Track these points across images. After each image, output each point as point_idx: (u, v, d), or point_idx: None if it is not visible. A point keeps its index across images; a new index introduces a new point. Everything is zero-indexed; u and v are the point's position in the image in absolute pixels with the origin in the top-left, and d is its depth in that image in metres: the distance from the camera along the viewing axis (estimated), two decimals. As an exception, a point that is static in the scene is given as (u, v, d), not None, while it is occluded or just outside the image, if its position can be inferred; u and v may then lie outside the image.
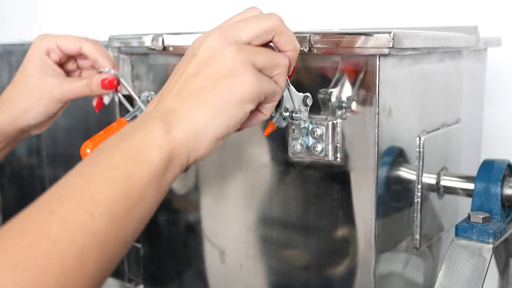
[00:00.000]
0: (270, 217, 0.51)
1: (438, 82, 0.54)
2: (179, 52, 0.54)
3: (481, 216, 0.51)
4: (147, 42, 0.56)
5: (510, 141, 0.77)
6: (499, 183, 0.52)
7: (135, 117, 0.52)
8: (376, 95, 0.42)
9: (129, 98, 0.62)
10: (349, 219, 0.46)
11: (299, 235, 0.49)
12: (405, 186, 0.51)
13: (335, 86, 0.45)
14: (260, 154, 0.50)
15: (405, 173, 0.50)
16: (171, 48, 0.54)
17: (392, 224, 0.49)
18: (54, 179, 0.80)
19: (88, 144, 0.47)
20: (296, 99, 0.42)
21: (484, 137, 0.71)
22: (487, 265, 0.47)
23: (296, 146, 0.46)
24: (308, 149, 0.46)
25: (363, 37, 0.40)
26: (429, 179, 0.54)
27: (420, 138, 0.51)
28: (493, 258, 0.50)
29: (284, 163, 0.49)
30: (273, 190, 0.50)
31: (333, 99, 0.45)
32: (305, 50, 0.43)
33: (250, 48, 0.35)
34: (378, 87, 0.42)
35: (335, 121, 0.45)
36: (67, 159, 0.79)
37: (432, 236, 0.55)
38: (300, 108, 0.42)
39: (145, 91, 0.53)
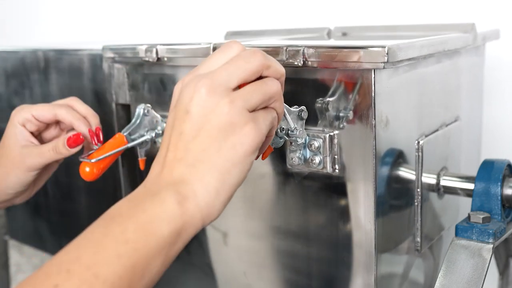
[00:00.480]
0: (271, 225, 0.51)
1: (436, 82, 0.53)
2: (173, 64, 0.54)
3: (481, 216, 0.51)
4: (141, 53, 0.55)
5: (510, 141, 0.76)
6: (499, 183, 0.52)
7: (132, 131, 0.52)
8: (372, 107, 0.42)
9: (126, 107, 0.62)
10: (349, 228, 0.46)
11: (300, 243, 0.49)
12: (405, 190, 0.51)
13: (332, 95, 0.44)
14: (259, 164, 0.50)
15: (404, 177, 0.50)
16: (165, 59, 0.54)
17: (393, 230, 0.49)
18: (55, 182, 0.81)
19: (86, 164, 0.47)
20: (291, 116, 0.42)
21: (484, 136, 0.70)
22: (487, 265, 0.47)
23: (294, 158, 0.46)
24: (306, 161, 0.46)
25: (357, 51, 0.40)
26: (429, 179, 0.54)
27: (418, 142, 0.50)
28: (493, 258, 0.50)
29: (283, 174, 0.49)
30: (273, 200, 0.51)
31: (331, 108, 0.45)
32: (299, 64, 0.43)
33: (242, 94, 0.35)
34: (374, 99, 0.42)
35: (332, 133, 0.45)
36: (66, 164, 0.80)
37: (432, 236, 0.56)
38: (295, 127, 0.42)
39: (140, 104, 0.53)
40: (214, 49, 0.50)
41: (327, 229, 0.47)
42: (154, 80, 0.58)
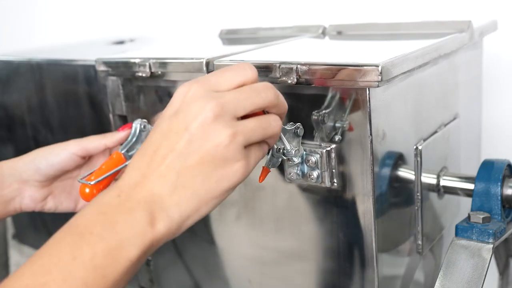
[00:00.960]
0: (273, 236, 0.52)
1: (433, 84, 0.52)
2: (167, 78, 0.53)
3: (481, 216, 0.51)
4: (134, 67, 0.54)
5: (510, 141, 0.75)
6: (499, 183, 0.52)
7: (129, 148, 0.52)
8: (368, 123, 0.42)
9: (123, 117, 0.61)
10: (349, 240, 0.46)
11: (301, 254, 0.50)
12: (405, 195, 0.51)
13: (327, 107, 0.44)
14: (258, 176, 0.50)
15: (404, 182, 0.50)
16: (159, 72, 0.53)
17: (393, 236, 0.49)
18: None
19: (85, 186, 0.48)
20: (286, 135, 0.42)
21: (484, 136, 0.69)
22: (487, 265, 0.48)
23: (291, 173, 0.46)
24: (304, 176, 0.46)
25: (350, 71, 0.39)
26: (429, 179, 0.54)
27: (417, 147, 0.50)
28: (493, 258, 0.51)
29: (282, 186, 0.49)
30: (274, 211, 0.51)
31: (327, 121, 0.44)
32: (292, 82, 0.42)
33: (245, 130, 0.34)
34: (370, 115, 0.41)
35: (329, 148, 0.44)
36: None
37: (433, 237, 0.56)
38: (291, 148, 0.42)
39: (137, 119, 0.53)
40: (207, 64, 0.49)
41: (328, 241, 0.48)
42: (149, 92, 0.57)
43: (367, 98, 0.41)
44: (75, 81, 0.66)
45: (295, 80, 0.42)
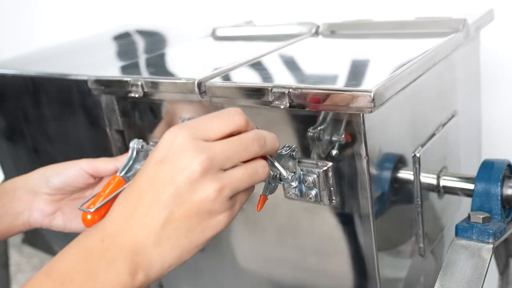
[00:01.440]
0: (275, 247, 0.53)
1: (430, 87, 0.51)
2: (160, 98, 0.52)
3: (481, 216, 0.51)
4: (127, 87, 0.53)
5: (510, 141, 0.73)
6: (499, 183, 0.52)
7: (129, 170, 0.52)
8: (363, 145, 0.41)
9: (120, 133, 0.61)
10: (351, 255, 0.47)
11: (303, 269, 0.51)
12: (405, 201, 0.51)
13: (322, 124, 0.43)
14: (259, 192, 0.51)
15: (403, 190, 0.50)
16: (152, 92, 0.53)
17: (394, 245, 0.50)
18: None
19: (87, 213, 0.48)
20: (282, 161, 0.41)
21: (484, 136, 0.68)
22: (487, 265, 0.48)
23: (290, 193, 0.46)
24: (303, 195, 0.46)
25: (343, 96, 0.38)
26: (429, 179, 0.54)
27: (415, 155, 0.50)
28: (493, 258, 0.51)
29: (282, 202, 0.49)
30: (275, 223, 0.52)
31: (323, 137, 0.44)
32: (286, 106, 0.42)
33: (232, 181, 0.34)
34: (365, 136, 0.41)
35: (326, 167, 0.44)
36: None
37: (434, 238, 0.56)
38: (287, 174, 0.41)
39: (133, 140, 0.52)
40: (199, 85, 0.48)
41: (330, 256, 0.48)
42: (144, 107, 0.57)
43: (361, 121, 0.40)
44: (70, 95, 0.65)
45: (288, 104, 0.41)
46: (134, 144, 0.52)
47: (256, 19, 0.81)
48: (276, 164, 0.40)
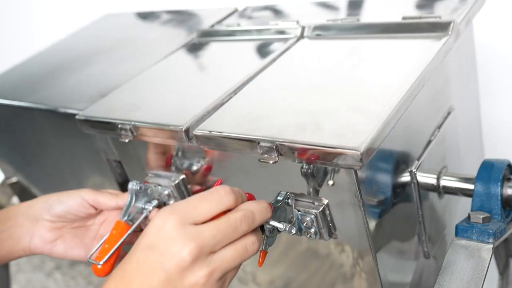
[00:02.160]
0: (281, 271, 0.52)
1: (422, 98, 0.48)
2: (151, 141, 0.52)
3: (481, 216, 0.51)
4: (116, 130, 0.52)
5: (510, 141, 0.74)
6: (499, 183, 0.52)
7: (130, 211, 0.51)
8: (358, 193, 0.40)
9: (118, 163, 0.60)
10: (353, 278, 0.46)
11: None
12: (405, 213, 0.50)
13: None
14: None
15: (403, 204, 0.49)
16: (141, 135, 0.51)
17: (396, 255, 0.49)
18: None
19: (97, 266, 0.48)
20: (278, 212, 0.41)
21: (485, 136, 0.68)
22: (487, 265, 0.48)
23: (290, 230, 0.44)
24: (303, 233, 0.45)
25: (330, 153, 0.37)
26: (429, 179, 0.53)
27: (411, 171, 0.49)
28: (493, 258, 0.51)
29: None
30: (277, 252, 0.51)
31: (317, 174, 0.43)
32: (275, 160, 0.40)
33: (222, 264, 0.34)
34: (358, 184, 0.40)
35: (322, 206, 0.43)
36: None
37: (437, 238, 0.56)
38: (285, 226, 0.40)
39: (131, 182, 0.51)
40: (186, 132, 0.47)
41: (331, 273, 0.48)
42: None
43: (354, 175, 0.39)
44: (64, 127, 0.64)
45: (277, 159, 0.40)
46: (133, 186, 0.51)
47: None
48: (271, 222, 0.39)
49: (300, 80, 0.50)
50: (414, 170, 0.49)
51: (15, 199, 1.23)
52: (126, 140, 0.51)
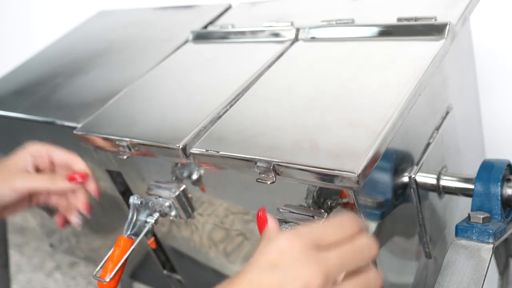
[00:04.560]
0: None
1: (419, 105, 0.48)
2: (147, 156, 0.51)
3: (481, 216, 0.51)
4: (113, 146, 0.52)
5: (510, 140, 0.72)
6: (499, 183, 0.51)
7: (133, 228, 0.51)
8: (358, 210, 0.40)
9: (118, 173, 0.60)
10: None
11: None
12: (406, 218, 0.50)
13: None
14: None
15: (403, 209, 0.49)
16: (139, 152, 0.51)
17: (398, 263, 0.49)
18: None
19: (103, 283, 0.48)
20: None
21: (486, 136, 0.67)
22: (487, 265, 0.48)
23: None
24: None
25: (327, 176, 0.37)
26: (429, 179, 0.53)
27: (410, 177, 0.48)
28: (493, 258, 0.51)
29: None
30: None
31: (316, 197, 0.43)
32: (273, 180, 0.40)
33: None
34: (357, 203, 0.39)
35: (322, 220, 0.42)
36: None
37: (437, 239, 0.56)
38: None
39: (132, 196, 0.51)
40: (184, 150, 0.46)
41: None
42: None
43: (352, 193, 0.39)
44: (63, 139, 0.62)
45: (274, 179, 0.40)
46: (134, 201, 0.51)
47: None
48: None
49: (295, 91, 0.49)
50: (413, 176, 0.48)
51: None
52: (124, 157, 0.51)
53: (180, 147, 0.46)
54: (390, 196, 0.46)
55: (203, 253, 0.61)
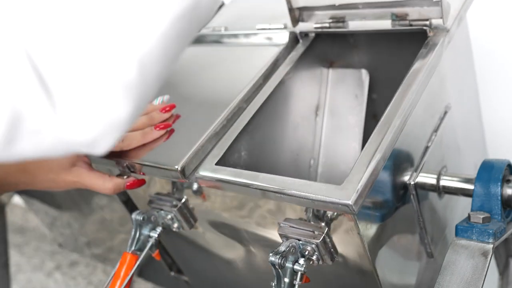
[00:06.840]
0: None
1: (420, 108, 0.48)
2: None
3: (481, 216, 0.51)
4: (114, 165, 0.51)
5: (510, 140, 0.72)
6: (499, 183, 0.51)
7: (136, 243, 0.51)
8: (356, 227, 0.40)
9: (127, 203, 0.60)
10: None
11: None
12: (406, 222, 0.50)
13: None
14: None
15: (403, 215, 0.49)
16: (139, 169, 0.50)
17: (399, 269, 0.49)
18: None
19: None
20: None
21: (487, 136, 0.66)
22: (487, 265, 0.48)
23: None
24: (306, 259, 0.44)
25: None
26: (429, 179, 0.53)
27: (410, 183, 0.48)
28: (493, 258, 0.51)
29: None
30: None
31: (317, 211, 0.42)
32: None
33: None
34: (356, 224, 0.39)
35: (322, 236, 0.42)
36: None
37: (438, 239, 0.56)
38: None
39: (134, 212, 0.51)
40: (182, 171, 0.46)
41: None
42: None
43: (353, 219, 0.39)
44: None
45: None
46: (136, 217, 0.51)
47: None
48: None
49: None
50: (412, 183, 0.48)
51: (16, 198, 1.24)
52: (125, 177, 0.50)
53: (179, 169, 0.46)
54: (390, 202, 0.45)
55: (208, 257, 0.61)
